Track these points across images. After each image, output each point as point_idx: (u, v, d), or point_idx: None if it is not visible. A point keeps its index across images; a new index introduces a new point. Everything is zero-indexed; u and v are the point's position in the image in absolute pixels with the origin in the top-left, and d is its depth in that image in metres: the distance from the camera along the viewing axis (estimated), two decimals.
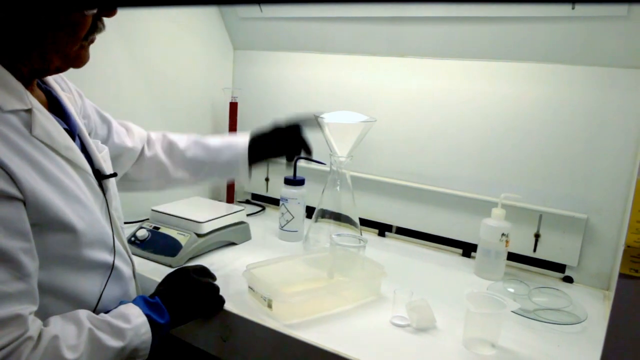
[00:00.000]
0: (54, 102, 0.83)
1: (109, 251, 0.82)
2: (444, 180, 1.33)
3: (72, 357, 0.68)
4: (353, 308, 0.99)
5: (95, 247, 0.78)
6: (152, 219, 1.24)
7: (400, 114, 1.37)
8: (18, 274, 0.66)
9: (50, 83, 0.85)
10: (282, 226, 1.32)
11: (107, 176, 0.86)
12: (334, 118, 1.16)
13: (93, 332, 0.72)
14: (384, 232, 1.45)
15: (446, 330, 0.93)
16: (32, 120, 0.72)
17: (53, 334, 0.68)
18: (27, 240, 0.67)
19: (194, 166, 1.08)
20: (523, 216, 1.22)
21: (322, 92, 1.49)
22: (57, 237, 0.72)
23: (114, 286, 0.84)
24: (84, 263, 0.77)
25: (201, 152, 1.08)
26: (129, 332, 0.75)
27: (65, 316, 0.73)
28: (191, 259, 1.16)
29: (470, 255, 1.31)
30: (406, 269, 1.22)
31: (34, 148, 0.71)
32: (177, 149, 1.09)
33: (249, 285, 0.99)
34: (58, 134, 0.75)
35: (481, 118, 1.27)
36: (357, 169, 1.44)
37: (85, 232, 0.76)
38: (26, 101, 0.72)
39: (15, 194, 0.66)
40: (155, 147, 1.09)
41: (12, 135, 0.68)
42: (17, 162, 0.67)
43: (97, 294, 0.80)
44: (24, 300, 0.67)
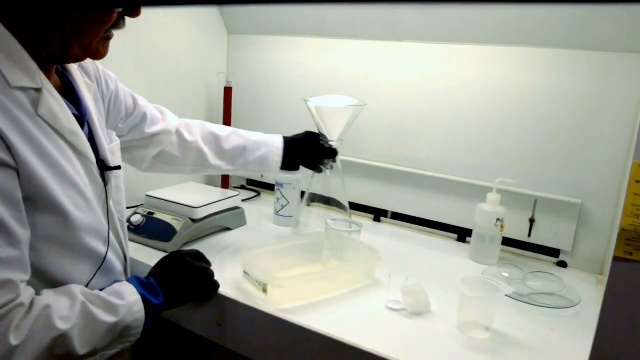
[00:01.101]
0: (69, 88, 0.83)
1: (102, 242, 0.81)
2: (439, 166, 1.33)
3: (64, 328, 0.68)
4: (348, 292, 0.99)
5: (87, 235, 0.78)
6: (147, 204, 1.23)
7: (396, 99, 1.37)
8: (9, 240, 0.65)
9: (69, 69, 0.85)
10: (277, 211, 1.32)
11: (110, 168, 0.86)
12: (323, 102, 1.16)
13: (86, 306, 0.72)
14: (379, 218, 1.45)
15: (441, 314, 0.93)
16: (40, 99, 0.72)
17: (45, 303, 0.68)
18: (19, 209, 0.67)
19: (231, 156, 1.15)
20: (518, 201, 1.22)
21: (317, 76, 1.48)
22: (47, 218, 0.71)
23: (103, 278, 0.83)
24: (73, 249, 0.76)
25: (240, 144, 1.15)
26: (122, 309, 0.75)
27: (58, 289, 0.73)
28: (186, 244, 1.16)
29: (465, 240, 1.32)
30: (401, 253, 1.23)
31: (37, 127, 0.71)
32: (218, 137, 1.15)
33: (244, 270, 0.99)
34: (65, 117, 0.75)
35: (476, 103, 1.26)
36: (352, 154, 1.44)
37: (78, 218, 0.75)
38: (37, 80, 0.72)
39: (9, 161, 0.66)
40: (195, 134, 1.14)
41: (15, 110, 0.68)
42: (14, 135, 0.67)
43: (83, 282, 0.79)
44: (16, 267, 0.66)
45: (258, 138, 1.16)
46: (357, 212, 1.48)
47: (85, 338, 0.70)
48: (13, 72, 0.69)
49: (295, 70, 1.52)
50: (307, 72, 1.50)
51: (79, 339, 0.69)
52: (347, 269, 1.04)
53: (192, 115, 1.55)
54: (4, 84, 0.68)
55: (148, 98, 1.09)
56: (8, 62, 0.69)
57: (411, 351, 0.81)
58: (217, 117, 1.62)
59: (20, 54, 0.71)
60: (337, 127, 1.18)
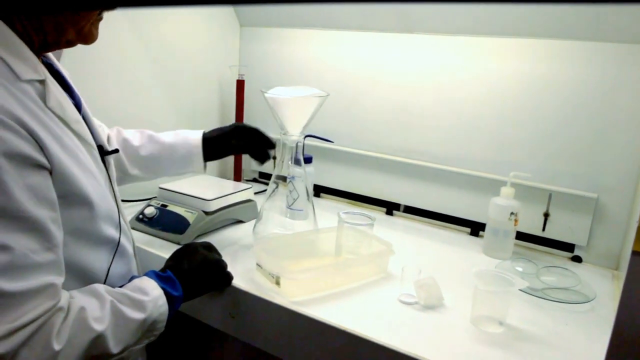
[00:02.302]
0: (56, 76, 0.82)
1: (115, 226, 0.82)
2: (452, 159, 1.33)
3: (99, 329, 0.68)
4: (361, 285, 0.99)
5: (105, 221, 0.78)
6: (160, 196, 1.24)
7: (409, 92, 1.36)
8: (48, 244, 0.65)
9: (50, 57, 0.84)
10: (289, 204, 1.31)
11: (109, 152, 0.87)
12: (281, 93, 1.10)
13: (115, 305, 0.72)
14: (392, 211, 1.45)
15: (454, 308, 0.93)
16: (46, 91, 0.71)
17: (80, 306, 0.68)
18: (55, 209, 0.67)
19: (148, 164, 1.10)
20: (532, 195, 1.21)
21: (328, 69, 1.48)
22: (77, 211, 0.72)
23: (120, 262, 0.84)
24: (95, 238, 0.77)
25: (156, 149, 1.10)
26: (148, 304, 0.76)
27: (82, 290, 0.73)
28: (199, 236, 1.17)
29: (479, 234, 1.31)
30: (414, 247, 1.22)
31: (50, 119, 0.70)
32: (132, 147, 1.09)
33: (257, 263, 1.00)
34: (68, 107, 0.75)
35: (491, 96, 1.25)
36: (364, 147, 1.44)
37: (99, 207, 0.76)
38: (40, 72, 0.71)
39: (44, 162, 0.66)
40: (113, 144, 1.09)
41: (31, 105, 0.67)
42: (41, 132, 0.66)
43: (105, 269, 0.80)
44: (55, 271, 0.66)
45: (174, 139, 1.11)
46: (369, 205, 1.48)
47: (118, 337, 0.71)
48: (18, 64, 0.68)
49: (306, 63, 1.52)
50: (319, 64, 1.49)
51: (113, 338, 0.70)
52: (360, 262, 1.04)
53: (206, 108, 1.57)
54: (15, 78, 0.67)
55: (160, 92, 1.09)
56: (10, 54, 0.68)
57: (424, 344, 0.81)
58: (229, 109, 1.62)
59: (18, 44, 0.69)
60: (297, 119, 1.12)
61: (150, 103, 1.39)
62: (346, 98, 1.45)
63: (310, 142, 1.37)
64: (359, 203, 1.50)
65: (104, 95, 1.25)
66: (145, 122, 1.35)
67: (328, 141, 1.31)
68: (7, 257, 0.61)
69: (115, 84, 1.26)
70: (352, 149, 1.46)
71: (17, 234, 0.62)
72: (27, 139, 0.64)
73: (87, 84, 1.17)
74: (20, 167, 0.63)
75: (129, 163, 1.09)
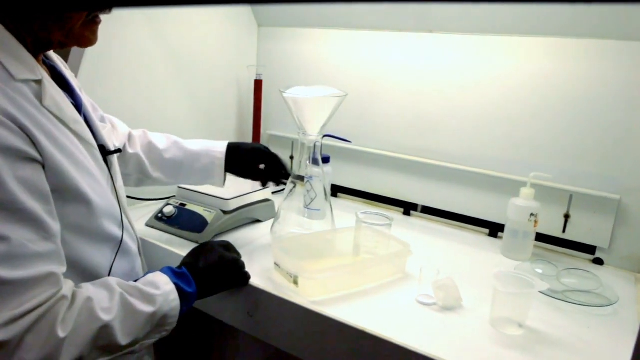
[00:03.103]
0: (58, 78, 0.83)
1: (117, 225, 0.83)
2: (471, 159, 1.32)
3: (107, 319, 0.69)
4: (378, 286, 0.99)
5: (106, 220, 0.79)
6: (179, 195, 1.25)
7: (428, 91, 1.35)
8: (45, 234, 0.66)
9: (54, 59, 0.85)
10: (307, 204, 1.31)
11: (111, 152, 0.87)
12: (300, 93, 1.11)
13: (125, 297, 0.73)
14: (409, 211, 1.44)
15: (473, 309, 0.92)
16: (43, 91, 0.72)
17: (87, 296, 0.69)
18: (49, 202, 0.68)
19: (171, 168, 1.11)
20: (553, 196, 1.20)
21: (346, 68, 1.48)
22: (73, 207, 0.73)
23: (122, 261, 0.85)
24: (96, 235, 0.78)
25: (180, 155, 1.11)
26: (159, 298, 0.76)
27: (95, 282, 0.74)
28: (217, 235, 1.17)
29: (497, 235, 1.30)
30: (432, 248, 1.22)
31: (45, 118, 0.71)
32: (156, 150, 1.11)
33: (275, 262, 1.00)
34: (67, 107, 0.76)
35: (510, 95, 1.24)
36: (382, 147, 1.43)
37: (98, 205, 0.77)
38: (36, 72, 0.72)
39: (36, 156, 0.67)
40: (136, 145, 1.10)
41: (25, 103, 0.68)
42: (33, 129, 0.67)
43: (107, 267, 0.81)
44: (55, 260, 0.68)
45: (199, 147, 1.12)
46: (386, 205, 1.48)
47: (126, 328, 0.72)
48: (13, 64, 0.69)
49: (324, 62, 1.52)
50: (337, 63, 1.49)
51: (121, 329, 0.71)
52: (378, 263, 1.04)
53: (223, 109, 1.57)
54: (9, 78, 0.68)
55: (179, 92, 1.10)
56: (5, 54, 0.69)
57: (443, 346, 0.81)
58: (247, 110, 1.62)
59: (14, 44, 0.70)
60: (315, 119, 1.12)
61: (167, 103, 1.40)
62: (364, 98, 1.45)
63: (328, 142, 1.38)
64: (376, 203, 1.50)
65: (122, 96, 1.26)
66: (163, 121, 1.36)
67: (346, 141, 1.30)
68: (5, 247, 0.62)
69: (132, 84, 1.27)
70: (370, 149, 1.46)
71: (13, 225, 0.63)
72: (18, 133, 0.65)
73: (104, 84, 1.20)
74: (12, 160, 0.64)
75: (151, 166, 1.10)
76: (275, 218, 1.18)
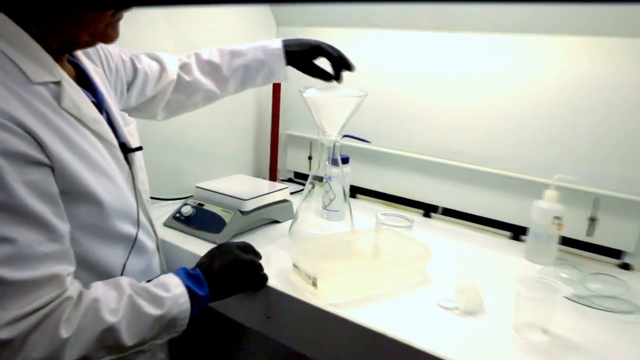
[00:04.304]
0: (81, 75, 0.85)
1: (132, 223, 0.84)
2: (493, 160, 1.30)
3: (112, 320, 0.70)
4: (398, 288, 0.98)
5: (119, 219, 0.80)
6: (197, 195, 1.26)
7: (447, 91, 1.34)
8: (52, 236, 0.68)
9: (78, 56, 0.86)
10: (325, 205, 1.31)
11: (133, 149, 0.88)
12: (319, 93, 1.11)
13: (133, 298, 0.74)
14: (429, 213, 1.43)
15: (495, 314, 0.91)
16: (61, 92, 0.73)
17: (94, 297, 0.71)
18: (57, 204, 0.70)
19: (234, 81, 1.14)
20: (577, 198, 1.17)
21: (365, 67, 1.45)
22: (83, 208, 0.74)
23: (137, 259, 0.86)
24: (108, 234, 0.79)
25: (240, 64, 1.13)
26: (167, 301, 0.77)
27: (108, 282, 0.76)
28: (235, 236, 1.18)
29: (520, 238, 1.28)
30: (453, 251, 1.21)
31: (63, 120, 0.73)
32: (216, 68, 1.13)
33: (293, 263, 1.00)
34: (86, 107, 0.77)
35: (535, 95, 1.22)
36: (401, 147, 1.43)
37: (111, 205, 0.78)
38: (55, 73, 0.73)
39: (43, 159, 0.68)
40: (194, 72, 1.12)
41: (40, 106, 0.70)
42: (44, 132, 0.69)
43: (120, 265, 0.82)
44: (61, 261, 0.69)
45: (253, 45, 1.15)
46: (406, 207, 1.47)
47: (133, 330, 0.73)
48: (31, 67, 0.70)
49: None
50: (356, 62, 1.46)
51: (127, 330, 0.72)
52: (398, 265, 1.03)
53: (242, 111, 1.57)
54: (26, 81, 0.70)
55: None
56: (24, 57, 0.70)
57: (464, 350, 0.80)
58: (266, 110, 1.63)
59: (34, 47, 0.71)
60: (335, 120, 1.12)
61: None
62: (384, 97, 1.44)
63: (347, 142, 1.39)
64: (395, 204, 1.49)
65: None
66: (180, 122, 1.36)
67: (365, 141, 1.31)
68: (11, 248, 0.64)
69: None
70: (389, 149, 1.45)
71: (19, 227, 0.65)
72: (25, 137, 0.66)
73: None
74: (19, 164, 0.65)
75: (214, 86, 1.13)
76: (294, 219, 1.19)
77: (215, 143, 1.51)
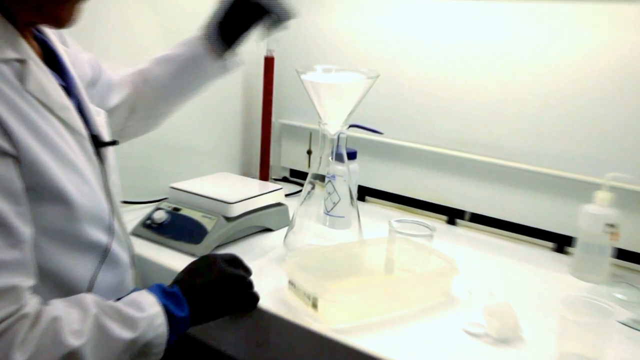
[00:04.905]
0: (49, 55, 0.86)
1: (104, 231, 0.85)
2: (532, 156, 1.31)
3: (75, 344, 0.70)
4: (417, 311, 0.99)
5: (90, 224, 0.82)
6: (172, 198, 1.27)
7: (478, 71, 1.35)
8: (12, 240, 0.69)
9: (47, 33, 0.88)
10: (328, 210, 1.30)
11: (106, 143, 0.90)
12: (321, 76, 1.11)
13: (100, 319, 0.75)
14: (455, 220, 1.45)
15: (534, 342, 0.92)
16: (26, 72, 0.75)
17: (54, 315, 0.71)
18: (20, 202, 0.71)
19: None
20: (636, 202, 1.19)
21: (375, 44, 1.48)
22: (50, 208, 0.76)
23: (108, 273, 0.87)
24: (76, 242, 0.81)
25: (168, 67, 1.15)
26: (141, 322, 0.77)
27: (68, 299, 0.76)
28: (219, 247, 1.19)
29: (565, 250, 1.30)
30: (483, 265, 1.22)
31: (27, 104, 0.74)
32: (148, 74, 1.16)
33: (289, 280, 1.01)
34: (54, 91, 0.79)
35: (581, 75, 1.23)
36: (421, 140, 1.44)
37: (81, 206, 0.79)
38: (20, 50, 0.75)
39: (9, 149, 0.70)
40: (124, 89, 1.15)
41: (3, 86, 0.71)
42: (9, 117, 0.70)
43: (88, 279, 0.84)
44: (20, 271, 0.70)
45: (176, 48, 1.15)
46: (426, 212, 1.48)
47: (99, 356, 0.73)
48: None
49: (351, 35, 1.52)
50: (366, 37, 1.50)
51: (92, 356, 0.72)
52: (416, 283, 1.04)
53: (226, 92, 1.57)
54: None
55: None
56: None
57: None
58: (255, 93, 1.63)
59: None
60: (341, 107, 1.12)
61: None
62: (399, 79, 1.45)
63: (355, 134, 1.38)
64: (413, 209, 1.50)
65: None
66: None
67: (376, 132, 1.31)
68: None
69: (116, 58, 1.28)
70: (406, 142, 1.46)
71: None
72: None
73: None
74: None
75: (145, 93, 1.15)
76: (290, 226, 1.19)
77: (194, 134, 1.51)
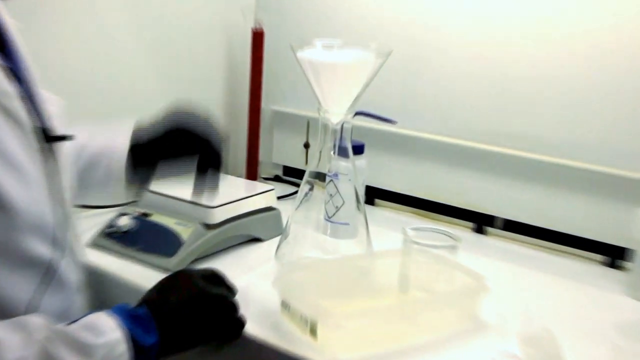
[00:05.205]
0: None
1: (48, 243, 0.84)
2: (576, 150, 1.31)
3: None
4: (438, 339, 0.98)
5: (31, 235, 0.81)
6: (140, 201, 1.25)
7: (508, 50, 1.35)
8: None
9: None
10: (329, 216, 1.30)
11: (57, 138, 0.88)
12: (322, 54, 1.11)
13: (47, 346, 0.73)
14: (483, 227, 1.44)
15: None
16: None
17: None
18: None
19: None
20: None
21: (387, 15, 1.49)
22: None
23: (52, 296, 0.86)
24: (13, 256, 0.79)
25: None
26: (98, 351, 0.76)
27: (10, 321, 0.75)
28: (196, 260, 1.18)
29: (619, 265, 1.29)
30: (518, 283, 1.21)
31: None
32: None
33: (282, 301, 1.00)
34: None
35: (628, 57, 1.22)
36: (441, 131, 1.44)
37: (21, 212, 0.78)
38: None
39: None
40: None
41: None
42: None
43: (26, 303, 0.82)
44: None
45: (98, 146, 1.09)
46: (448, 218, 1.49)
47: None
48: None
49: (356, 5, 1.53)
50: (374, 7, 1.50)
51: None
52: (437, 305, 1.04)
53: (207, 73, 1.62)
54: None
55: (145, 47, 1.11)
56: None
57: None
58: (242, 73, 1.64)
59: None
60: (345, 91, 1.12)
61: (129, 65, 1.42)
62: (413, 59, 1.45)
63: (362, 123, 1.38)
64: (433, 215, 1.51)
65: (58, 60, 1.27)
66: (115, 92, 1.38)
67: (388, 121, 1.32)
68: None
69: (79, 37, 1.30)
70: (423, 133, 1.47)
71: None
72: None
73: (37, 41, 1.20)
74: None
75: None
76: (283, 236, 1.19)
77: None
